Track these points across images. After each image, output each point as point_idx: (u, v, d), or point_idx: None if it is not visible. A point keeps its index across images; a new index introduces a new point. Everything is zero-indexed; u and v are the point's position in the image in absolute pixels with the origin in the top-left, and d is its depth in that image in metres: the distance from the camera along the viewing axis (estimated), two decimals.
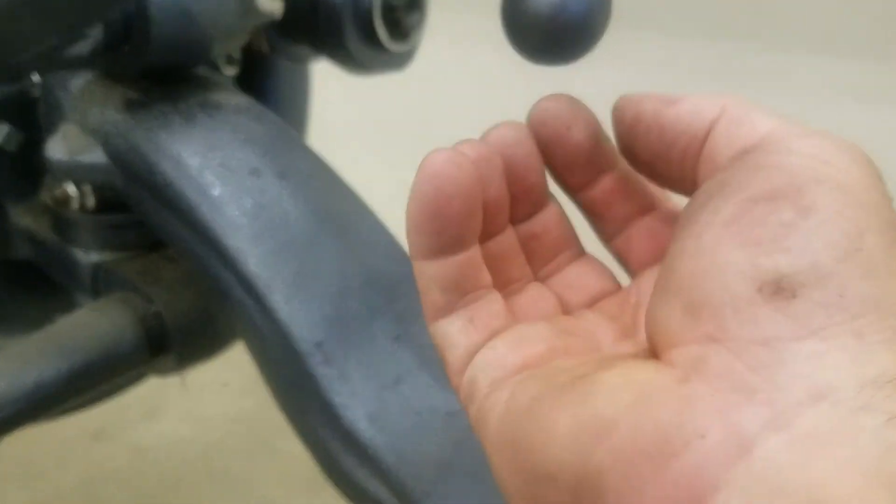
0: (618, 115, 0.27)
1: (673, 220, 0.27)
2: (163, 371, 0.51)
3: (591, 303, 0.28)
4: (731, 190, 0.22)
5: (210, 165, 0.43)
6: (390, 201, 0.45)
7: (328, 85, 0.70)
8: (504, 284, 0.27)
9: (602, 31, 0.30)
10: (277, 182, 0.44)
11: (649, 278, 0.26)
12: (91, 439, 0.96)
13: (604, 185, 0.28)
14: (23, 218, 0.53)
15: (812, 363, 0.18)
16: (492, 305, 0.26)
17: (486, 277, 0.26)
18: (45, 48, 0.35)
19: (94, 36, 0.41)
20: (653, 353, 0.22)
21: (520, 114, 0.29)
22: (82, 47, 0.41)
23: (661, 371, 0.20)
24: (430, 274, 0.25)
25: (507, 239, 0.27)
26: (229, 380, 0.94)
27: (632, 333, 0.26)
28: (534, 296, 0.27)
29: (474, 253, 0.25)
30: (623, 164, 0.28)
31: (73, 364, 0.45)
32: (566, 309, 0.27)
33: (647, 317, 0.22)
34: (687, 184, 0.25)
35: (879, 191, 0.22)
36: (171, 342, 0.49)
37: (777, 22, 1.18)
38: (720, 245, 0.21)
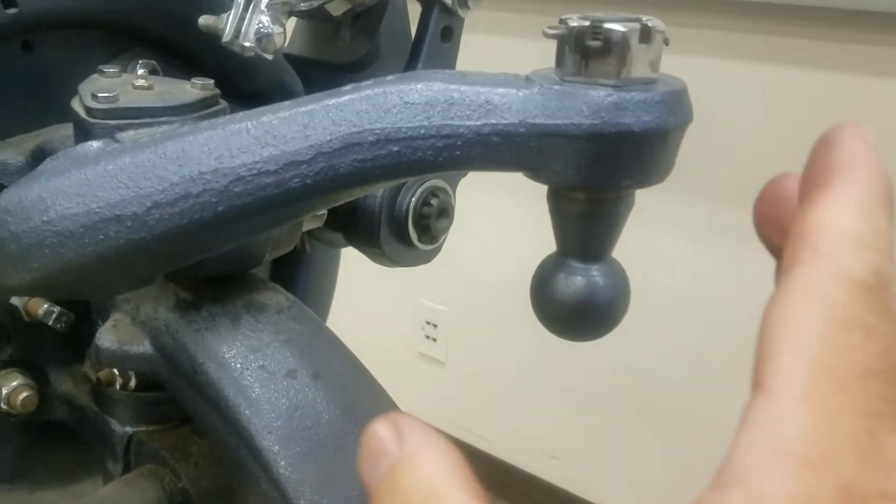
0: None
1: None
2: None
3: None
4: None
5: (250, 368, 0.46)
6: None
7: None
8: None
9: (622, 316, 0.34)
10: (312, 383, 0.47)
11: None
12: None
13: None
14: (63, 384, 0.56)
15: None
16: None
17: None
18: (123, 290, 0.39)
19: None
20: None
21: None
22: None
23: None
24: None
25: None
26: None
27: None
28: None
29: None
30: None
31: None
32: None
33: None
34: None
35: None
36: None
37: None
38: None
